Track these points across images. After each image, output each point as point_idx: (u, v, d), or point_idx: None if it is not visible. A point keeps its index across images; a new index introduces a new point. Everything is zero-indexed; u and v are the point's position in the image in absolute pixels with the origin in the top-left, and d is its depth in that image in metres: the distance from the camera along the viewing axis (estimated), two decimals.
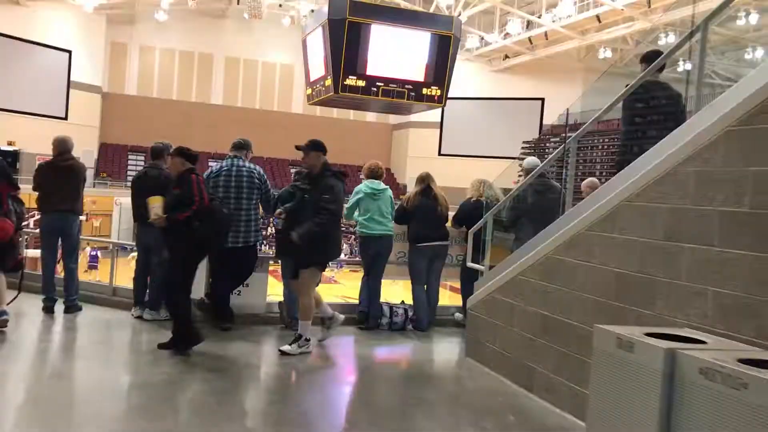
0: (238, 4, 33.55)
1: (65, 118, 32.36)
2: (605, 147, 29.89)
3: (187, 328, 4.87)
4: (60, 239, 6.06)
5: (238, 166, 5.57)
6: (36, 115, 30.59)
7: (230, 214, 5.14)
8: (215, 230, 4.86)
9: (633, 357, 2.76)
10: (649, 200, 3.50)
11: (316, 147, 5.14)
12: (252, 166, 5.68)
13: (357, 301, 6.45)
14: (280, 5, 32.23)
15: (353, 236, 36.44)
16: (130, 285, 6.22)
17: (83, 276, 7.82)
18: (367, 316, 6.19)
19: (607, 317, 3.71)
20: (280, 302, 5.94)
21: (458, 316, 6.58)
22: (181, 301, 4.88)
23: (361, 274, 6.48)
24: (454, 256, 6.69)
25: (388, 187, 6.34)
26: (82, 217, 4.86)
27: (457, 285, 6.81)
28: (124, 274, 6.82)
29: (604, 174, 26.76)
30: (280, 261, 5.83)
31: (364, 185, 6.22)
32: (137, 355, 5.07)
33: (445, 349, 6.08)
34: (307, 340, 5.11)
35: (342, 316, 5.65)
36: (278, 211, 5.36)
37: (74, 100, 32.61)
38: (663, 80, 4.63)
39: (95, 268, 16.81)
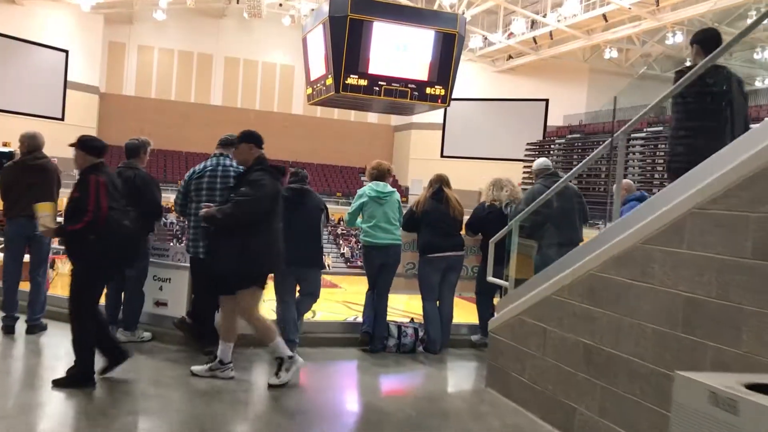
0: (237, 3, 32.94)
1: (62, 119, 31.89)
2: (633, 145, 29.14)
3: (87, 361, 4.03)
4: (28, 248, 5.37)
5: (225, 165, 4.77)
6: (32, 116, 30.02)
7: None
8: (114, 249, 3.92)
9: (737, 422, 2.05)
10: (731, 207, 2.79)
11: (246, 138, 4.29)
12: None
13: (360, 315, 5.75)
14: (280, 4, 31.64)
15: (354, 239, 36.31)
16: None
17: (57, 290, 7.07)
18: (372, 336, 5.41)
19: (672, 352, 3.01)
20: (272, 321, 5.18)
21: (475, 338, 5.85)
22: (84, 327, 4.03)
23: (364, 279, 5.70)
24: (469, 267, 5.95)
25: (395, 190, 5.59)
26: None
27: (473, 297, 6.07)
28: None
29: (635, 175, 26.27)
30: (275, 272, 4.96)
31: (368, 188, 5.51)
32: (102, 388, 4.23)
33: (462, 377, 5.35)
34: (223, 363, 4.35)
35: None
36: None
37: (71, 101, 32.14)
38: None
39: None
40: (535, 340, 4.06)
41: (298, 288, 5.15)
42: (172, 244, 12.80)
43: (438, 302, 5.59)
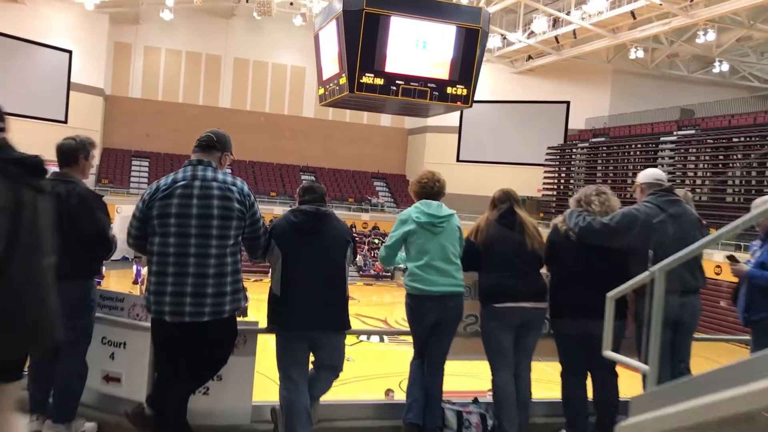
0: (247, 2, 31.86)
1: (65, 122, 31.00)
2: (662, 149, 27.55)
3: None
4: None
5: (205, 178, 3.13)
6: (34, 119, 29.09)
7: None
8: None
9: None
10: None
11: None
12: (230, 178, 3.23)
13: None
14: (291, 3, 30.54)
15: (366, 246, 34.97)
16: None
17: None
18: (422, 429, 3.67)
19: None
20: (273, 408, 3.53)
21: None
22: None
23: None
24: (548, 322, 4.03)
25: (453, 212, 3.84)
26: None
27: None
28: None
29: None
30: (277, 335, 3.48)
31: (415, 210, 3.80)
32: None
33: None
34: None
35: None
36: None
37: (74, 103, 31.26)
38: None
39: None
40: None
41: (311, 358, 3.53)
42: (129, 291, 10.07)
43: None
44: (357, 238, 34.49)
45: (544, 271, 3.95)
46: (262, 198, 33.95)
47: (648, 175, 3.92)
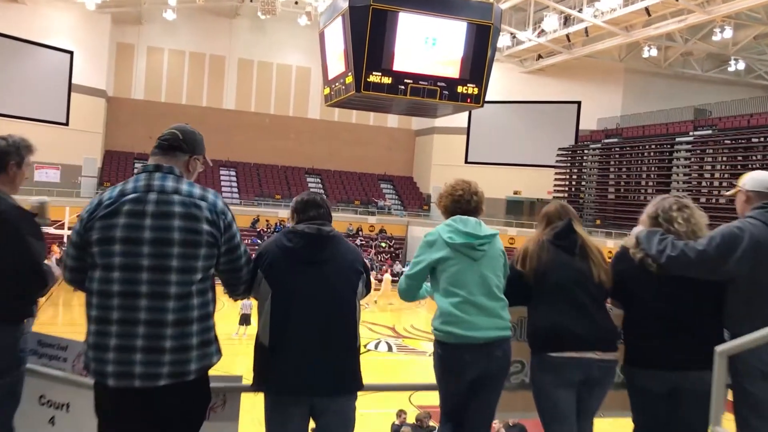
0: (251, 1, 31.27)
1: (66, 124, 30.53)
2: (678, 150, 26.55)
3: None
4: None
5: (163, 190, 2.34)
6: (34, 121, 28.64)
7: None
8: None
9: None
10: None
11: None
12: (198, 190, 2.39)
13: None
14: (296, 2, 29.97)
15: (373, 249, 34.21)
16: None
17: None
18: None
19: None
20: None
21: None
22: None
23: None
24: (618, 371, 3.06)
25: (496, 231, 2.98)
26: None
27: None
28: None
29: (680, 183, 23.24)
30: (266, 395, 2.64)
31: (447, 228, 2.92)
32: None
33: None
34: None
35: None
36: None
37: (76, 105, 30.78)
38: None
39: None
40: None
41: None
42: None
43: None
44: (363, 242, 34.05)
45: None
46: (266, 201, 33.39)
47: (759, 181, 2.93)
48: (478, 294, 2.81)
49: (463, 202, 2.98)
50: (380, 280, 24.70)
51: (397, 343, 17.83)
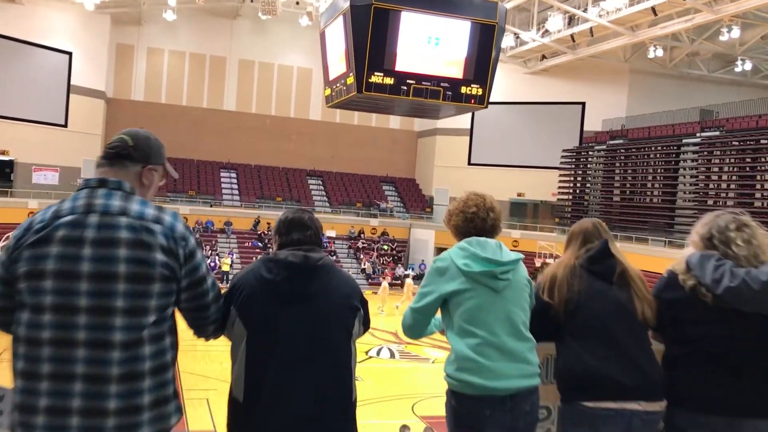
0: (251, 1, 31.00)
1: (65, 126, 30.32)
2: (685, 152, 26.09)
3: None
4: None
5: (107, 211, 1.85)
6: (32, 122, 28.46)
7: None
8: None
9: None
10: None
11: None
12: (152, 211, 1.91)
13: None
14: (297, 2, 29.68)
15: (375, 252, 33.80)
16: None
17: None
18: None
19: None
20: None
21: None
22: None
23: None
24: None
25: (520, 255, 2.50)
26: None
27: None
28: None
29: (686, 185, 22.33)
30: None
31: (461, 254, 2.41)
32: None
33: None
34: None
35: None
36: None
37: (75, 106, 30.57)
38: None
39: None
40: None
41: None
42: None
43: None
44: (365, 245, 33.68)
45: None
46: (268, 203, 33.11)
47: None
48: (501, 333, 2.33)
49: (477, 220, 2.47)
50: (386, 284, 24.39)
51: (399, 350, 17.49)
